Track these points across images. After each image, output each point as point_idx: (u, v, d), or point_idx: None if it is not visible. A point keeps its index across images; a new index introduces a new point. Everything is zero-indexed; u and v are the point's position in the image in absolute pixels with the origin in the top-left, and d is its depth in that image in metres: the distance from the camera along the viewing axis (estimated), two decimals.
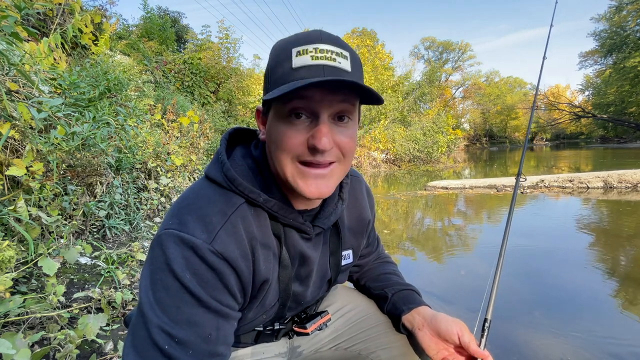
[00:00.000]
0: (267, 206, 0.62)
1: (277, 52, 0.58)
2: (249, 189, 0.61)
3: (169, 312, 0.52)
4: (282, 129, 0.57)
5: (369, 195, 0.90)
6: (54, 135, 1.92)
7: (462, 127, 40.58)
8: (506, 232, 1.07)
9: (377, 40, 24.02)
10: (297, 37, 0.58)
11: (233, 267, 0.57)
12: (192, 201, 0.60)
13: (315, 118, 0.57)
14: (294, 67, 0.55)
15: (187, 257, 0.53)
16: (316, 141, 0.55)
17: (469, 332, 0.71)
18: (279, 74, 0.56)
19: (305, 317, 0.82)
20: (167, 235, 0.55)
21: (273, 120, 0.60)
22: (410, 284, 0.89)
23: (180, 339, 0.52)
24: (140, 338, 0.52)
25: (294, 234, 0.67)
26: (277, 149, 0.58)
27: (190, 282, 0.53)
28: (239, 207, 0.60)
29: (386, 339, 0.84)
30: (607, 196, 5.50)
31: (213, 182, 0.63)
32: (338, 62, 0.56)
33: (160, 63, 10.28)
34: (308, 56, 0.55)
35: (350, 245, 0.83)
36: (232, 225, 0.58)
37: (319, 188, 0.59)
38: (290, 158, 0.58)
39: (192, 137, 4.96)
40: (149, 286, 0.54)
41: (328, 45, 0.56)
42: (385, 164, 13.76)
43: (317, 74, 0.54)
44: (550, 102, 40.97)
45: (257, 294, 0.64)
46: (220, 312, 0.56)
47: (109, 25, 4.86)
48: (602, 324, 1.84)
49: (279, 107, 0.58)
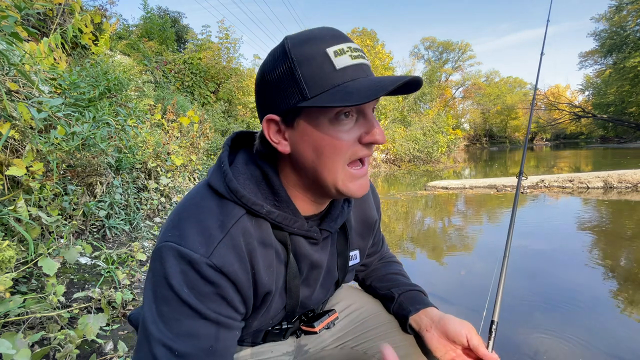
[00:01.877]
0: (270, 217, 0.61)
1: (306, 53, 0.53)
2: (252, 201, 0.59)
3: (170, 326, 0.52)
4: (332, 133, 0.55)
5: (375, 195, 0.89)
6: (54, 135, 1.92)
7: (462, 127, 40.63)
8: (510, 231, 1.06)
9: (377, 40, 23.99)
10: (321, 36, 0.55)
11: (231, 281, 0.56)
12: (192, 212, 0.59)
13: (361, 115, 0.57)
14: (338, 68, 0.53)
15: (185, 272, 0.53)
16: (377, 136, 0.56)
17: (478, 335, 0.71)
18: (321, 77, 0.53)
19: (313, 315, 0.81)
20: (167, 248, 0.55)
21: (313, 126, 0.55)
22: (417, 285, 0.89)
23: (180, 352, 0.51)
24: (143, 354, 0.53)
25: (301, 240, 0.66)
26: (330, 155, 0.56)
27: (189, 296, 0.53)
28: (239, 219, 0.59)
29: (392, 339, 0.84)
30: (607, 196, 5.50)
31: (214, 191, 0.61)
32: (367, 60, 0.57)
33: (160, 63, 10.28)
34: (346, 56, 0.53)
35: (357, 245, 0.82)
36: (231, 239, 0.57)
37: (363, 187, 0.61)
38: (343, 162, 0.57)
39: (192, 137, 4.95)
40: (152, 300, 0.54)
41: (350, 43, 0.55)
42: (385, 164, 13.76)
43: (361, 74, 0.54)
44: (550, 102, 40.97)
45: (261, 305, 0.64)
46: (221, 322, 0.55)
47: (109, 25, 4.86)
48: (602, 324, 1.84)
49: (323, 112, 0.54)
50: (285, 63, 0.54)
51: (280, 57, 0.55)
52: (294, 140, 0.58)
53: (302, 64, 0.53)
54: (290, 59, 0.53)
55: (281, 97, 0.55)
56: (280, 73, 0.54)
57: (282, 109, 0.56)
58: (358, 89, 0.51)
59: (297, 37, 0.56)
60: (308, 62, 0.53)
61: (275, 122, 0.58)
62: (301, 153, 0.58)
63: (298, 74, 0.53)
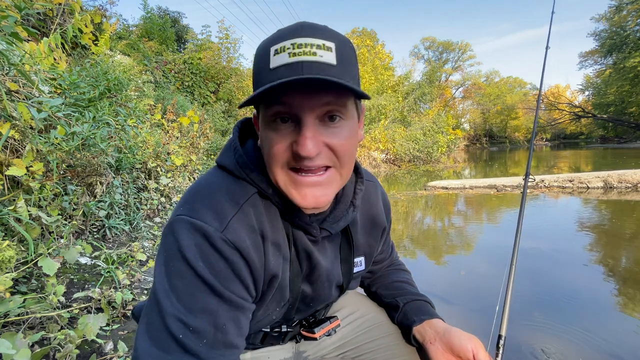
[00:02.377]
0: (275, 199, 0.60)
1: (258, 53, 0.55)
2: (260, 178, 0.59)
3: (184, 300, 0.51)
4: (268, 135, 0.54)
5: (385, 200, 0.85)
6: (54, 135, 1.92)
7: (462, 127, 40.61)
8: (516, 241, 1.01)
9: (377, 40, 24.04)
10: (278, 34, 0.53)
11: (245, 258, 0.56)
12: (203, 188, 0.59)
13: (298, 122, 0.52)
14: (271, 67, 0.51)
15: (200, 245, 0.52)
16: (299, 147, 0.51)
17: (485, 350, 0.68)
18: (259, 77, 0.53)
19: (314, 321, 0.79)
20: (180, 221, 0.54)
21: (261, 125, 0.57)
22: (423, 295, 0.86)
23: (194, 328, 0.51)
24: (154, 326, 0.51)
25: (302, 235, 0.66)
26: (266, 155, 0.56)
27: (204, 270, 0.52)
28: (251, 197, 0.59)
29: (395, 351, 0.81)
30: (607, 196, 5.50)
31: (225, 169, 0.61)
32: (319, 56, 0.50)
33: (160, 63, 10.29)
34: (285, 54, 0.50)
35: (362, 252, 0.80)
36: (244, 215, 0.56)
37: (316, 197, 0.55)
38: (280, 165, 0.55)
39: (192, 137, 4.95)
40: (164, 274, 0.53)
41: (308, 38, 0.50)
42: (385, 164, 13.77)
43: (295, 73, 0.49)
44: (550, 102, 40.96)
45: (267, 290, 0.63)
46: (234, 302, 0.55)
47: (109, 25, 4.86)
48: (603, 324, 1.84)
49: (264, 112, 0.55)
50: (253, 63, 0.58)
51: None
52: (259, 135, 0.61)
53: (255, 62, 0.56)
54: (254, 59, 0.57)
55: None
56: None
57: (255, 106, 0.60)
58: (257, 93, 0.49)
59: (271, 35, 0.57)
60: (257, 61, 0.55)
61: (255, 115, 0.63)
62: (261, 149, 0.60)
63: (253, 73, 0.57)
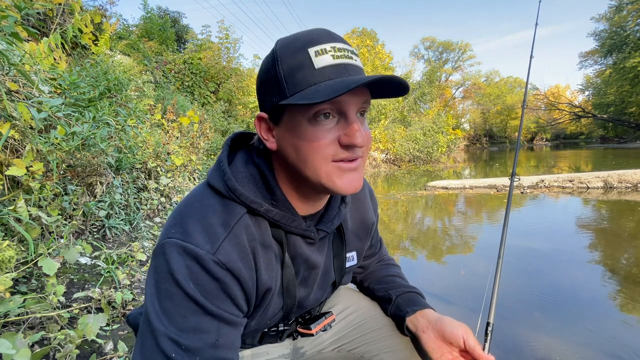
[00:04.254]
0: (268, 216, 0.62)
1: (289, 53, 0.55)
2: (250, 199, 0.60)
3: (174, 321, 0.53)
4: (310, 132, 0.55)
5: (372, 197, 0.89)
6: (54, 135, 1.92)
7: (462, 127, 40.60)
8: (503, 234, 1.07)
9: (377, 40, 24.01)
10: (307, 37, 0.56)
11: (236, 278, 0.57)
12: (195, 210, 0.59)
13: (342, 116, 0.56)
14: (317, 67, 0.53)
15: (190, 267, 0.53)
16: (353, 139, 0.55)
17: (474, 336, 0.71)
18: (299, 76, 0.54)
19: (310, 317, 0.81)
20: (170, 244, 0.55)
21: (293, 124, 0.57)
22: (414, 287, 0.89)
23: (187, 347, 0.52)
24: (148, 347, 0.53)
25: (298, 240, 0.66)
26: (308, 152, 0.56)
27: (194, 291, 0.53)
28: (241, 218, 0.59)
29: (390, 342, 0.84)
30: (607, 196, 5.50)
31: (215, 190, 0.62)
32: (355, 60, 0.56)
33: (160, 63, 10.28)
34: (328, 55, 0.53)
35: (354, 247, 0.82)
36: (235, 236, 0.57)
37: (353, 182, 0.59)
38: (325, 159, 0.56)
39: (192, 137, 4.95)
40: (155, 295, 0.54)
41: (339, 43, 0.55)
42: (385, 164, 13.77)
43: (342, 73, 0.53)
44: (550, 102, 40.97)
45: (260, 303, 0.64)
46: (225, 319, 0.56)
47: (109, 25, 4.86)
48: (602, 324, 1.84)
49: (301, 111, 0.55)
50: (271, 63, 0.57)
51: (269, 57, 0.58)
52: (279, 137, 0.60)
53: (284, 63, 0.55)
54: (275, 58, 0.56)
55: (268, 96, 0.58)
56: (268, 73, 0.57)
57: (268, 107, 0.59)
58: (325, 88, 0.51)
59: (287, 38, 0.58)
60: (289, 62, 0.55)
61: (265, 120, 0.61)
62: (284, 150, 0.59)
63: (280, 73, 0.55)
